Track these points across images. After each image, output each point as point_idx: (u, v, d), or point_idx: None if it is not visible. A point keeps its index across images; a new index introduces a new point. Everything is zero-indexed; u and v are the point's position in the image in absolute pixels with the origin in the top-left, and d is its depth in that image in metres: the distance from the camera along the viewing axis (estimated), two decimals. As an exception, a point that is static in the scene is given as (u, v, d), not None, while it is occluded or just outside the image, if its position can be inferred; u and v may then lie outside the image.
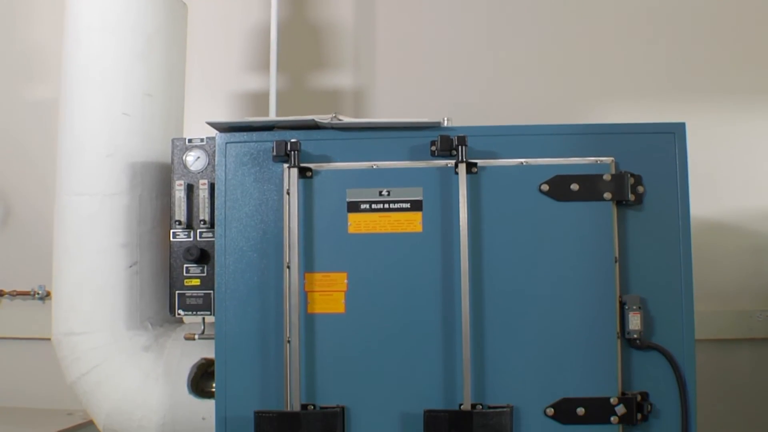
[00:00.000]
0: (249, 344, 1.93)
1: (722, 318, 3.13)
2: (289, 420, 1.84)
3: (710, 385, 3.04)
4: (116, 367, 2.19)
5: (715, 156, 3.10)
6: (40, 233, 3.28)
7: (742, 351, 3.19)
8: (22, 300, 3.45)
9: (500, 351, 1.90)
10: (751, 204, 3.19)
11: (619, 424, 1.89)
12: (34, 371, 3.43)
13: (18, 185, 3.41)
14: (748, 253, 3.19)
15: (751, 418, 3.20)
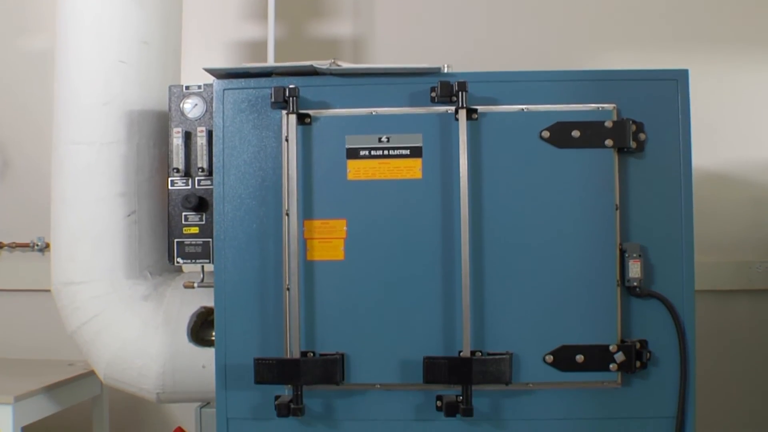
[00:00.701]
0: (248, 292, 1.93)
1: (721, 269, 3.14)
2: (289, 367, 1.85)
3: (709, 335, 3.05)
4: (116, 317, 2.19)
5: (715, 107, 3.07)
6: (38, 185, 3.27)
7: (741, 302, 3.20)
8: (21, 252, 3.45)
9: (500, 298, 1.89)
10: (752, 155, 3.17)
11: (617, 371, 1.89)
12: (35, 323, 3.44)
13: (15, 137, 3.39)
14: (747, 204, 3.18)
15: (750, 369, 3.22)
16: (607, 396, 1.92)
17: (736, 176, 3.17)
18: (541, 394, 1.91)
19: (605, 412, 1.92)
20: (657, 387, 1.92)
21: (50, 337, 3.29)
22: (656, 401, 1.92)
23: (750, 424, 3.27)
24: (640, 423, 1.92)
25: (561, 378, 1.89)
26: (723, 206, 3.15)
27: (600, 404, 1.92)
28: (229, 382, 1.94)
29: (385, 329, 1.90)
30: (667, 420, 1.92)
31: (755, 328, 3.19)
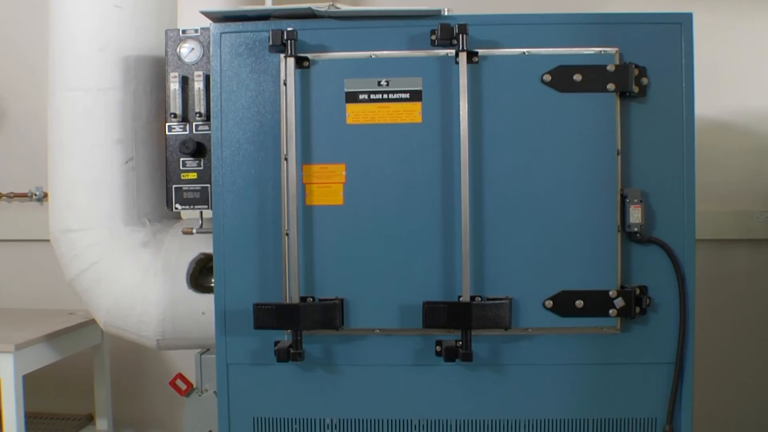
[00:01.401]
0: (247, 237, 1.92)
1: (722, 218, 3.13)
2: (288, 312, 1.84)
3: (708, 284, 3.06)
4: (115, 264, 2.19)
5: (718, 54, 3.05)
6: (36, 134, 3.26)
7: (740, 251, 3.20)
8: (19, 202, 3.44)
9: (500, 243, 1.88)
10: (754, 104, 3.15)
11: (617, 317, 1.89)
12: (34, 273, 3.45)
13: (11, 86, 3.37)
14: (749, 153, 3.17)
15: (749, 318, 3.23)
16: (606, 341, 1.92)
17: (738, 125, 3.15)
18: (541, 340, 1.91)
19: (604, 357, 1.92)
20: (656, 333, 1.92)
21: (50, 286, 3.31)
22: (655, 347, 1.92)
23: (747, 373, 3.29)
24: (638, 368, 1.93)
25: (560, 323, 1.89)
26: (724, 155, 3.13)
27: (599, 350, 1.92)
28: (228, 327, 1.95)
29: (384, 274, 1.90)
30: (665, 366, 1.92)
31: (754, 278, 3.20)
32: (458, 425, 1.94)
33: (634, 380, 1.93)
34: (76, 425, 3.23)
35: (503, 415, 1.94)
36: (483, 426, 1.94)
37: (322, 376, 1.94)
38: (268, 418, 1.96)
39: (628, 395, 1.94)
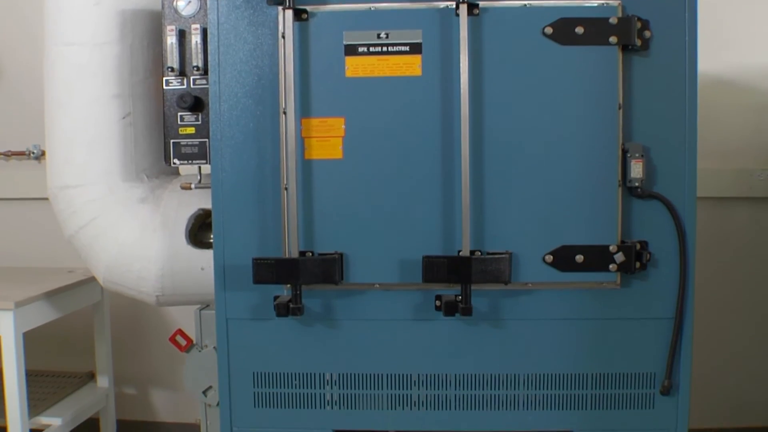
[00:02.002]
0: (246, 192, 1.91)
1: (723, 176, 3.12)
2: (287, 266, 1.84)
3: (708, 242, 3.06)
4: (113, 220, 2.18)
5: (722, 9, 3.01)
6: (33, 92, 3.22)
7: (741, 209, 3.19)
8: (17, 160, 3.43)
9: (500, 198, 1.87)
10: (757, 61, 3.12)
11: (617, 272, 1.89)
12: (33, 231, 3.45)
13: (8, 43, 3.34)
14: (751, 111, 3.15)
15: (748, 276, 3.23)
16: (606, 296, 1.92)
17: (741, 82, 3.13)
18: (540, 294, 1.91)
19: (604, 312, 1.92)
20: (656, 288, 1.92)
21: (49, 245, 3.31)
22: (655, 302, 1.92)
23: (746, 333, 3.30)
24: (638, 324, 1.93)
25: (560, 278, 1.89)
26: (726, 112, 3.12)
27: (599, 305, 1.92)
28: (228, 283, 1.94)
29: (384, 229, 1.89)
30: (665, 321, 1.92)
31: (755, 236, 3.19)
32: (458, 379, 1.95)
33: (633, 335, 1.93)
34: (77, 382, 3.24)
35: (503, 369, 1.94)
36: (482, 380, 1.95)
37: (322, 330, 1.94)
38: (267, 372, 1.97)
39: (628, 350, 1.94)
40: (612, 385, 1.95)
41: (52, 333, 3.32)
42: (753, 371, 3.34)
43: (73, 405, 3.06)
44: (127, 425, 3.49)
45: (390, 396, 1.96)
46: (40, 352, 3.31)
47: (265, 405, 1.98)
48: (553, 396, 1.95)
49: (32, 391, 2.95)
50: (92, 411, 3.17)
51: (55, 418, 2.93)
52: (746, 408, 3.38)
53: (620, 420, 1.96)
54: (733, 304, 3.27)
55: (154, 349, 3.50)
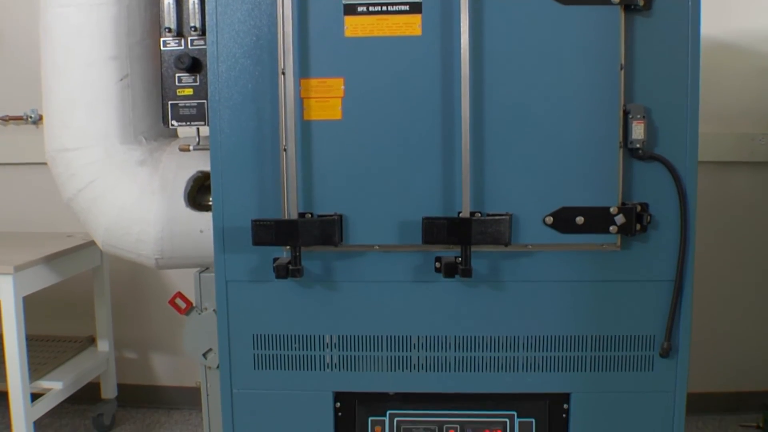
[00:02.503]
0: (245, 154, 1.90)
1: (724, 140, 3.12)
2: (287, 228, 1.83)
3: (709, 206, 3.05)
4: (112, 183, 2.17)
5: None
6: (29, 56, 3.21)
7: (742, 174, 3.19)
8: (15, 125, 3.43)
9: (500, 159, 1.86)
10: (760, 25, 3.10)
11: (617, 234, 1.88)
12: (32, 196, 3.45)
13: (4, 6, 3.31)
14: (753, 75, 3.14)
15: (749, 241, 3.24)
16: (606, 258, 1.91)
17: (743, 46, 3.11)
18: (540, 256, 1.90)
19: (604, 274, 1.92)
20: (656, 250, 1.91)
21: (48, 210, 3.31)
22: (655, 265, 1.91)
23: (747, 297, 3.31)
24: (638, 286, 1.92)
25: (560, 240, 1.88)
26: (727, 76, 3.10)
27: (599, 267, 1.91)
28: (227, 245, 1.94)
29: (383, 190, 1.87)
30: (665, 283, 1.92)
31: (755, 200, 3.19)
32: (457, 341, 1.95)
33: (633, 297, 1.93)
34: (77, 347, 3.26)
35: (502, 331, 1.94)
36: (482, 342, 1.95)
37: (321, 292, 1.94)
38: (267, 335, 1.97)
39: (627, 312, 1.94)
40: (611, 347, 1.95)
41: (52, 298, 3.33)
42: (753, 336, 3.35)
43: (74, 369, 3.08)
44: (127, 389, 3.51)
45: (390, 358, 1.96)
46: (41, 316, 3.33)
47: (265, 367, 1.98)
48: (553, 358, 1.95)
49: (33, 356, 2.97)
50: (93, 375, 3.19)
51: (55, 382, 2.96)
52: (747, 372, 3.40)
53: (619, 382, 1.96)
54: (733, 270, 3.27)
55: (154, 313, 3.51)
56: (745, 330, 3.36)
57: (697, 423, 3.32)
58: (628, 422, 1.98)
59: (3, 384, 2.74)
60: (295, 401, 1.99)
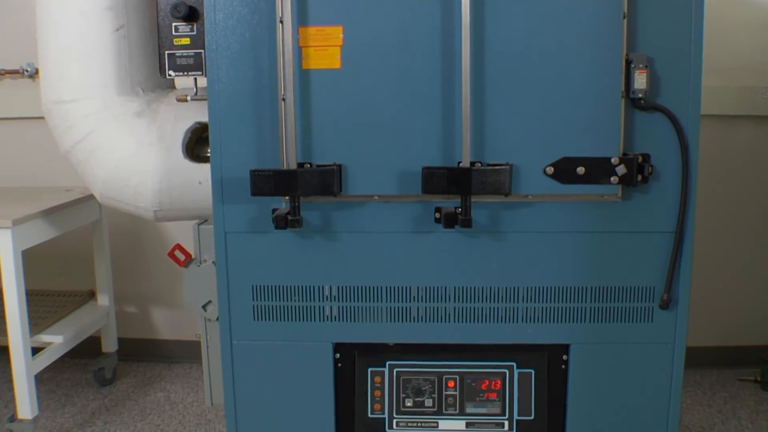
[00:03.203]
0: (243, 103, 1.87)
1: (726, 93, 3.10)
2: (286, 177, 1.82)
3: (711, 159, 3.04)
4: (109, 134, 2.15)
5: None
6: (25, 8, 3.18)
7: (744, 127, 3.17)
8: (11, 79, 3.40)
9: (501, 109, 1.84)
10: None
11: (618, 184, 1.86)
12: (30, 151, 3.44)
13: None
14: (757, 27, 3.10)
15: (750, 195, 3.23)
16: (606, 209, 1.90)
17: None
18: (541, 207, 1.89)
19: (604, 225, 1.91)
20: (657, 202, 1.90)
21: (46, 164, 3.30)
22: (656, 216, 1.90)
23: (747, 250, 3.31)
24: (638, 237, 1.91)
25: (561, 190, 1.87)
26: (731, 28, 3.07)
27: (599, 217, 1.90)
28: (225, 196, 1.92)
29: (383, 140, 1.86)
30: (666, 235, 1.91)
31: (758, 154, 3.18)
32: (456, 292, 1.95)
33: (633, 249, 1.92)
34: (77, 301, 3.27)
35: (502, 282, 1.94)
36: (481, 293, 1.94)
37: (321, 243, 1.93)
38: (267, 286, 1.97)
39: (628, 264, 1.93)
40: (611, 299, 1.95)
41: (52, 253, 3.33)
42: (752, 291, 3.36)
43: (74, 323, 3.09)
44: (128, 343, 3.53)
45: (389, 309, 1.96)
46: (41, 272, 3.33)
47: (264, 318, 1.98)
48: (552, 309, 1.95)
49: (33, 310, 2.98)
50: (93, 329, 3.20)
51: (56, 336, 2.97)
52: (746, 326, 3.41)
53: (619, 333, 1.96)
54: (733, 224, 3.27)
55: (154, 267, 3.52)
56: (744, 285, 3.36)
57: (695, 376, 3.35)
58: (627, 373, 1.98)
59: (3, 339, 2.74)
60: (295, 352, 2.00)
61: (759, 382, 3.24)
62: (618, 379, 1.99)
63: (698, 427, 2.90)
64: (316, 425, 2.04)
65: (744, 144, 3.18)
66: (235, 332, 2.00)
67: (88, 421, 3.02)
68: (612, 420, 2.01)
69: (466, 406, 2.01)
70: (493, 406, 2.01)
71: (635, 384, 1.99)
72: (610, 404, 2.00)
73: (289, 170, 1.82)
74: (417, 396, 2.02)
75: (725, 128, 3.14)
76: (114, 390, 3.32)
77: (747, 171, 3.20)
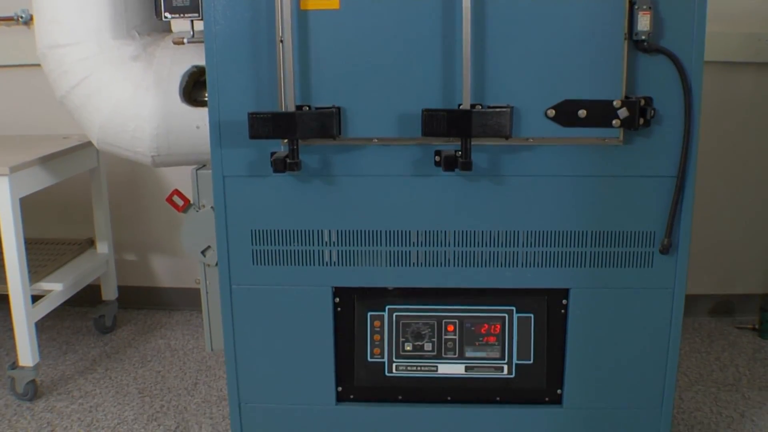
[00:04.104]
0: (240, 46, 1.85)
1: (729, 40, 3.06)
2: (284, 120, 1.79)
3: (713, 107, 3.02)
4: (105, 79, 2.13)
5: None
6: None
7: (747, 74, 3.14)
8: (6, 26, 3.36)
9: (501, 51, 1.81)
10: None
11: (620, 128, 1.85)
12: (26, 99, 3.41)
13: None
14: (762, -28, 3.06)
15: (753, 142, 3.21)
16: (608, 153, 1.88)
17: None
18: (541, 150, 1.87)
19: (606, 169, 1.89)
20: (659, 146, 1.88)
21: (43, 112, 3.27)
22: (658, 160, 1.89)
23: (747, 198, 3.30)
24: (640, 182, 1.90)
25: (562, 133, 1.85)
26: (735, -28, 3.02)
27: (601, 161, 1.89)
28: (223, 139, 1.90)
29: (382, 82, 1.83)
30: (667, 180, 1.89)
31: (761, 101, 3.15)
32: (456, 236, 1.94)
33: (634, 193, 1.91)
34: (76, 249, 3.27)
35: (502, 226, 1.93)
36: (481, 237, 1.94)
37: (320, 187, 1.91)
38: (266, 230, 1.96)
39: (628, 208, 1.92)
40: (611, 243, 1.94)
41: (51, 201, 3.33)
42: (751, 239, 3.36)
43: (74, 271, 3.09)
44: (128, 291, 3.54)
45: (389, 253, 1.96)
46: (40, 220, 3.33)
47: (264, 262, 1.98)
48: (552, 253, 1.95)
49: (32, 259, 2.98)
50: (93, 277, 3.20)
51: (55, 283, 2.97)
52: (742, 275, 3.42)
53: (618, 278, 1.96)
54: (734, 171, 3.26)
55: (153, 216, 3.51)
56: (743, 232, 3.36)
57: (693, 324, 3.36)
58: (626, 319, 1.99)
59: (3, 287, 2.74)
60: (295, 296, 2.00)
61: (757, 330, 3.25)
62: (617, 324, 1.99)
63: (696, 374, 2.92)
64: (315, 369, 2.05)
65: (747, 91, 3.15)
66: (234, 277, 2.00)
67: (89, 368, 3.04)
68: (611, 365, 2.02)
69: (466, 350, 2.02)
70: (493, 351, 2.02)
71: (634, 329, 1.99)
72: (609, 349, 2.01)
73: (288, 113, 1.80)
74: (416, 340, 2.02)
75: (728, 75, 3.11)
76: (114, 337, 3.33)
77: (749, 118, 3.18)
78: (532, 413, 2.06)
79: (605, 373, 2.03)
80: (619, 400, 2.04)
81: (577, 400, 2.04)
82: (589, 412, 2.05)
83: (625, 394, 2.03)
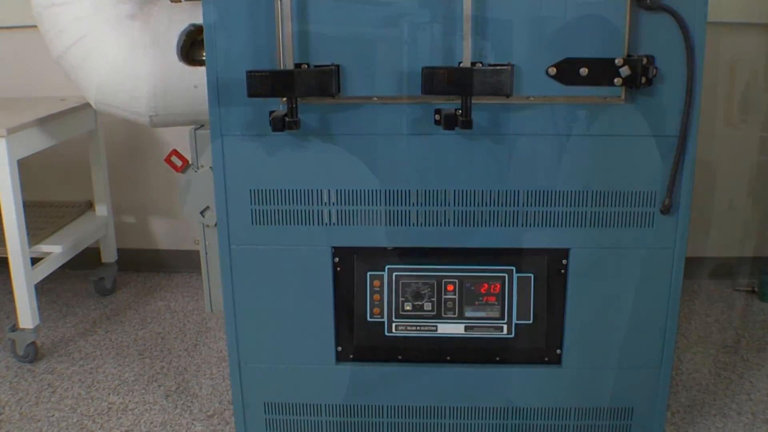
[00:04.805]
0: (238, 3, 1.82)
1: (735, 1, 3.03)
2: (282, 78, 1.77)
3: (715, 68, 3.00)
4: (102, 38, 2.11)
5: None
6: None
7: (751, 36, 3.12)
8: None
9: (502, 8, 1.79)
10: None
11: (622, 86, 1.83)
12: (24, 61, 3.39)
13: None
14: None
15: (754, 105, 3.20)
16: (610, 112, 1.86)
17: None
18: (542, 109, 1.85)
19: (607, 128, 1.87)
20: (661, 105, 1.86)
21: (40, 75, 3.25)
22: (660, 120, 1.87)
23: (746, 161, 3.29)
24: (641, 141, 1.88)
25: (563, 92, 1.83)
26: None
27: (602, 120, 1.86)
28: (221, 98, 1.88)
29: (382, 40, 1.81)
30: (669, 139, 1.88)
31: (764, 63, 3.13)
32: (456, 196, 1.93)
33: (635, 153, 1.89)
34: (75, 212, 3.26)
35: (502, 185, 1.92)
36: (481, 196, 1.92)
37: (319, 146, 1.90)
38: (265, 190, 1.94)
39: (629, 168, 1.91)
40: (612, 203, 1.93)
41: (49, 164, 3.32)
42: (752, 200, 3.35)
43: (73, 233, 3.09)
44: (127, 253, 3.54)
45: (388, 212, 1.94)
46: (38, 183, 3.32)
47: (263, 222, 1.97)
48: (553, 213, 1.94)
49: (31, 221, 2.97)
50: (92, 239, 3.20)
51: (55, 246, 2.97)
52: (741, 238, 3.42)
53: (619, 238, 1.95)
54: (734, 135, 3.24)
55: (152, 178, 3.50)
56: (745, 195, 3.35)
57: (693, 286, 3.36)
58: (626, 278, 1.98)
59: (3, 249, 2.74)
60: (294, 256, 1.99)
61: (756, 293, 3.26)
62: (617, 285, 1.99)
63: (695, 336, 2.93)
64: (315, 329, 2.05)
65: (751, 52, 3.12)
66: (233, 237, 1.99)
67: (89, 330, 3.05)
68: (610, 326, 2.02)
69: (465, 310, 2.02)
70: (492, 310, 2.02)
71: (634, 290, 1.99)
72: (608, 310, 2.01)
73: (286, 70, 1.78)
74: (416, 300, 2.02)
75: (731, 36, 3.08)
76: (114, 300, 3.34)
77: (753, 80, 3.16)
78: (531, 373, 2.06)
79: (604, 334, 2.03)
80: (618, 360, 2.04)
81: (576, 361, 2.05)
82: (588, 373, 2.06)
83: (625, 354, 2.04)
